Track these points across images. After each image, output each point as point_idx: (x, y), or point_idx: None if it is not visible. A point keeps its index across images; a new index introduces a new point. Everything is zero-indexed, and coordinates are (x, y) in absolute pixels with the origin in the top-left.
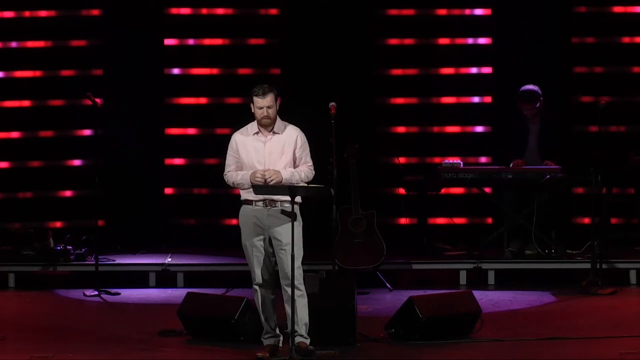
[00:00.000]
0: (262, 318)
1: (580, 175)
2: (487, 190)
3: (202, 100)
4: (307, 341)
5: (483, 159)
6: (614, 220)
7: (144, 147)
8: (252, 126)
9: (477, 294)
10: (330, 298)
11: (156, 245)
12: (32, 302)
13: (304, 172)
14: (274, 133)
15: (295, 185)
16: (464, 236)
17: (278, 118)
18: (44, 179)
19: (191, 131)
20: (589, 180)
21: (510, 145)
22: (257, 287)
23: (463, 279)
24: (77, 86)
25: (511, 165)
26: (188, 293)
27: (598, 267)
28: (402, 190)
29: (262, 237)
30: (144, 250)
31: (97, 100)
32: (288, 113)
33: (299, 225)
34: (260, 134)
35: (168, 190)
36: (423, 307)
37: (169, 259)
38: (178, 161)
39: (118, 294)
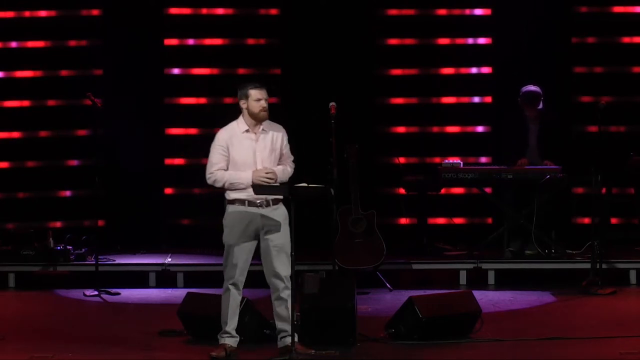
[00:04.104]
0: (226, 318)
1: (580, 175)
2: (487, 190)
3: (202, 100)
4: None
5: (483, 159)
6: (614, 220)
7: (144, 147)
8: (240, 124)
9: (477, 294)
10: (330, 298)
11: (156, 245)
12: (32, 302)
13: (290, 167)
14: (263, 131)
15: (296, 185)
16: (464, 236)
17: None
18: (44, 179)
19: (191, 131)
20: (589, 180)
21: (511, 144)
22: (231, 287)
23: (463, 279)
24: (76, 86)
25: (517, 165)
26: (188, 293)
27: (598, 267)
28: (402, 190)
29: (252, 238)
30: (144, 250)
31: (97, 100)
32: (288, 113)
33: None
34: (250, 131)
35: (168, 190)
36: (423, 307)
37: (169, 259)
38: (178, 161)
39: (118, 294)
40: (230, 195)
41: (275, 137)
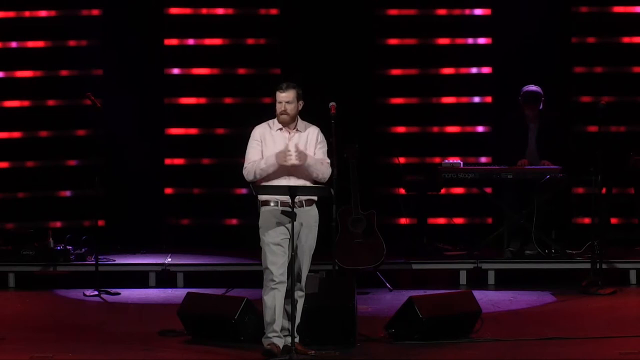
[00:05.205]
0: (271, 319)
1: (580, 175)
2: (487, 190)
3: (202, 100)
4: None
5: (483, 159)
6: (614, 220)
7: (144, 147)
8: (275, 122)
9: (477, 294)
10: (330, 298)
11: (156, 245)
12: (32, 302)
13: (325, 166)
14: (297, 130)
15: (294, 185)
16: (464, 236)
17: (299, 118)
18: (44, 178)
19: (191, 131)
20: (589, 180)
21: (511, 145)
22: (275, 286)
23: (463, 279)
24: (76, 86)
25: (517, 165)
26: (188, 293)
27: (598, 267)
28: (402, 190)
29: (286, 235)
30: (144, 250)
31: (97, 100)
32: None
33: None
34: (283, 130)
35: (168, 190)
36: (423, 307)
37: (169, 259)
38: (178, 161)
39: (118, 294)
40: (263, 197)
41: (309, 138)
